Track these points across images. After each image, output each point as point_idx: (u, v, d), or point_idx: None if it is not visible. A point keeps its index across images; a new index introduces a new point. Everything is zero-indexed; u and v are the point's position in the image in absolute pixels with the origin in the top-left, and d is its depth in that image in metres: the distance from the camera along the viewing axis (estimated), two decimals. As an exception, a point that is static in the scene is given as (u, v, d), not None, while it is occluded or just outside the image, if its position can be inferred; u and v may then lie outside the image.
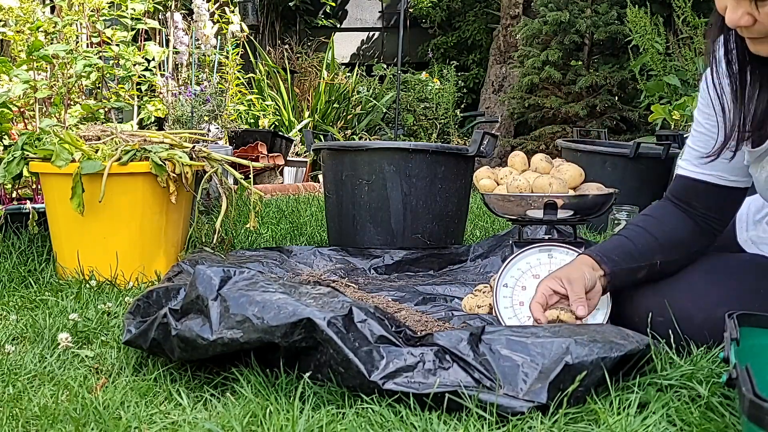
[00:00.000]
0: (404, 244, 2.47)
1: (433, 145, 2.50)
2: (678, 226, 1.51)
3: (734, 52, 1.36)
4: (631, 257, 1.47)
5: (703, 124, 1.49)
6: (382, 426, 1.12)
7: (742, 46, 1.33)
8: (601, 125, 5.40)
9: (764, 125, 1.36)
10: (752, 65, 1.34)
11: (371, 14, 8.96)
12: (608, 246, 1.51)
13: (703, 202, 1.50)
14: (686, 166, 1.52)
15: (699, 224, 1.51)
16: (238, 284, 1.36)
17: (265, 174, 4.91)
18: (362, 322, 1.26)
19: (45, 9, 3.19)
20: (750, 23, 1.23)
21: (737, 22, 1.23)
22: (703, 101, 1.49)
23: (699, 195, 1.50)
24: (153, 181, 2.13)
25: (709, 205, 1.50)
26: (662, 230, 1.50)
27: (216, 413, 1.19)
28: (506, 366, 1.19)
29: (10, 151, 2.24)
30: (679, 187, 1.54)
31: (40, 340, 1.57)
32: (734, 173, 1.47)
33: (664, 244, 1.49)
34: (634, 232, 1.51)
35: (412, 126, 6.89)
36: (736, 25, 1.24)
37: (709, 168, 1.47)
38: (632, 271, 1.47)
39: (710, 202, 1.50)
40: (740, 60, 1.35)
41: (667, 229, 1.50)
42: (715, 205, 1.50)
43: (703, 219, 1.51)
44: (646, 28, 4.50)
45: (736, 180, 1.48)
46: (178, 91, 4.20)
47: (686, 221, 1.51)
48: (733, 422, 1.09)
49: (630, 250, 1.48)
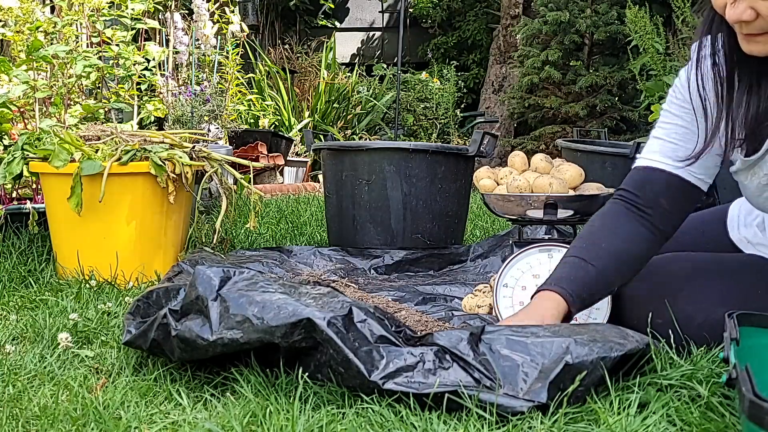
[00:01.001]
0: (404, 244, 2.47)
1: (433, 145, 2.50)
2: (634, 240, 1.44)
3: (722, 53, 1.32)
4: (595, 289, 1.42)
5: (682, 116, 1.44)
6: (382, 426, 1.12)
7: (733, 47, 1.29)
8: (601, 125, 5.40)
9: (757, 132, 1.33)
10: (741, 68, 1.31)
11: (371, 14, 8.96)
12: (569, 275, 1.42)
13: (663, 196, 1.43)
14: (653, 157, 1.46)
15: (652, 232, 1.45)
16: (237, 284, 1.36)
17: (265, 174, 4.91)
18: (362, 322, 1.26)
19: (45, 9, 3.19)
20: (752, 17, 1.20)
21: (739, 16, 1.20)
22: (680, 96, 1.44)
23: (661, 188, 1.43)
24: (153, 181, 2.13)
25: (669, 200, 1.44)
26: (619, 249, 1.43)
27: (216, 413, 1.19)
28: (506, 366, 1.19)
29: (10, 151, 2.24)
30: (638, 178, 1.47)
31: (40, 340, 1.57)
32: (703, 171, 1.43)
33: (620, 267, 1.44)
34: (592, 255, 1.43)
35: (412, 126, 6.89)
36: (738, 20, 1.21)
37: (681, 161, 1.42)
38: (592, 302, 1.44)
39: (671, 197, 1.43)
40: (729, 62, 1.32)
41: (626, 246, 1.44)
42: (676, 201, 1.44)
43: (658, 220, 1.44)
44: (646, 28, 4.49)
45: (702, 179, 1.44)
46: (178, 91, 4.20)
47: (640, 231, 1.44)
48: (733, 422, 1.09)
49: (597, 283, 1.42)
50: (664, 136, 1.46)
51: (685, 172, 1.43)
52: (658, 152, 1.46)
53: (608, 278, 1.43)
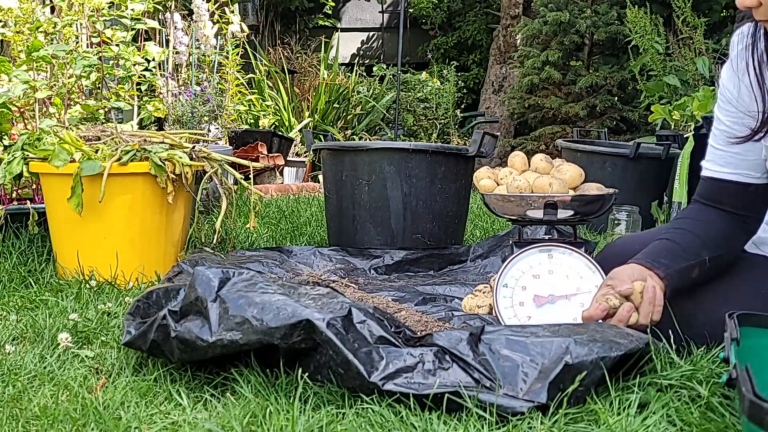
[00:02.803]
0: (404, 244, 2.47)
1: (433, 145, 2.50)
2: (715, 222, 1.50)
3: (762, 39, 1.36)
4: (680, 257, 1.44)
5: (724, 121, 1.48)
6: (382, 426, 1.12)
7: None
8: (601, 125, 5.40)
9: None
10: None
11: (371, 14, 8.96)
12: (653, 251, 1.46)
13: (733, 200, 1.49)
14: (711, 167, 1.52)
15: (735, 220, 1.50)
16: (237, 285, 1.36)
17: (265, 174, 4.91)
18: (361, 322, 1.26)
19: (45, 9, 3.19)
20: (755, 4, 1.25)
21: (743, 2, 1.25)
22: (723, 97, 1.49)
23: (728, 194, 1.49)
24: (153, 181, 2.13)
25: (738, 203, 1.49)
26: (702, 228, 1.48)
27: (216, 413, 1.19)
28: (506, 366, 1.19)
29: (10, 151, 2.24)
30: (706, 188, 1.53)
31: (40, 340, 1.57)
32: (757, 170, 1.47)
33: (706, 240, 1.47)
34: (676, 234, 1.48)
35: (412, 126, 6.89)
36: (744, 6, 1.26)
37: (734, 167, 1.48)
38: (685, 270, 1.44)
39: (740, 200, 1.49)
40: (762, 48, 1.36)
41: (706, 226, 1.49)
42: (745, 202, 1.49)
43: (737, 216, 1.50)
44: (646, 28, 4.50)
45: (760, 177, 1.48)
46: (178, 91, 4.20)
47: (723, 216, 1.50)
48: (733, 422, 1.09)
49: (675, 250, 1.45)
50: (714, 142, 1.52)
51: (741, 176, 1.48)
52: (712, 161, 1.52)
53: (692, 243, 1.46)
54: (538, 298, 1.66)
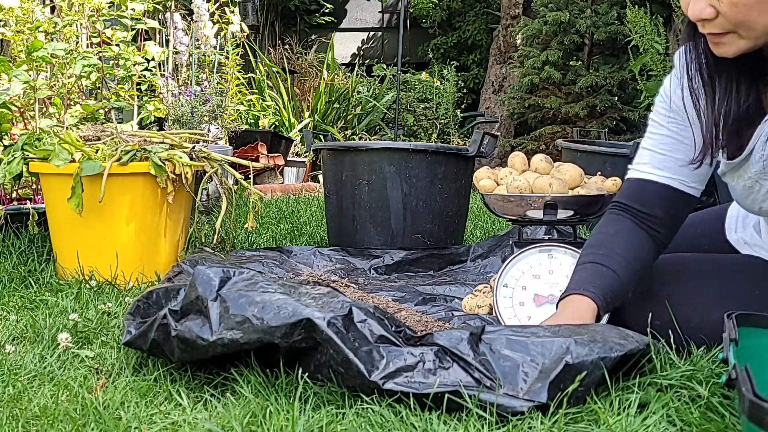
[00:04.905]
0: (404, 244, 2.47)
1: (433, 145, 2.50)
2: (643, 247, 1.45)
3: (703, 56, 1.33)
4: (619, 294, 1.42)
5: (668, 126, 1.46)
6: (382, 426, 1.12)
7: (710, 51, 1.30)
8: (601, 125, 5.40)
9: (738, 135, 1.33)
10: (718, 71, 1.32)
11: (371, 14, 8.96)
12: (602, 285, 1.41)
13: (659, 207, 1.45)
14: (645, 169, 1.48)
15: (654, 239, 1.47)
16: (237, 285, 1.36)
17: (265, 174, 4.91)
18: (362, 322, 1.26)
19: (45, 9, 3.19)
20: (712, 15, 1.21)
21: (699, 14, 1.22)
22: (665, 106, 1.46)
23: (656, 199, 1.45)
24: (153, 181, 2.13)
25: (663, 210, 1.45)
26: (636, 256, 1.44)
27: (216, 413, 1.19)
28: (506, 366, 1.19)
29: (10, 151, 2.24)
30: (633, 191, 1.49)
31: (40, 341, 1.57)
32: (694, 179, 1.45)
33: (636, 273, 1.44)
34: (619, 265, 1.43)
35: (412, 126, 6.89)
36: (699, 18, 1.23)
37: (671, 171, 1.45)
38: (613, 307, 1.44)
39: (666, 207, 1.45)
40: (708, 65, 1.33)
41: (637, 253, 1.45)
42: (670, 211, 1.46)
43: (657, 228, 1.46)
44: (645, 29, 4.49)
45: (694, 186, 1.46)
46: (178, 91, 4.20)
47: (645, 238, 1.46)
48: (733, 422, 1.09)
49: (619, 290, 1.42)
50: (653, 146, 1.48)
51: (677, 182, 1.45)
52: (648, 163, 1.48)
53: (627, 284, 1.43)
54: (538, 298, 1.66)
